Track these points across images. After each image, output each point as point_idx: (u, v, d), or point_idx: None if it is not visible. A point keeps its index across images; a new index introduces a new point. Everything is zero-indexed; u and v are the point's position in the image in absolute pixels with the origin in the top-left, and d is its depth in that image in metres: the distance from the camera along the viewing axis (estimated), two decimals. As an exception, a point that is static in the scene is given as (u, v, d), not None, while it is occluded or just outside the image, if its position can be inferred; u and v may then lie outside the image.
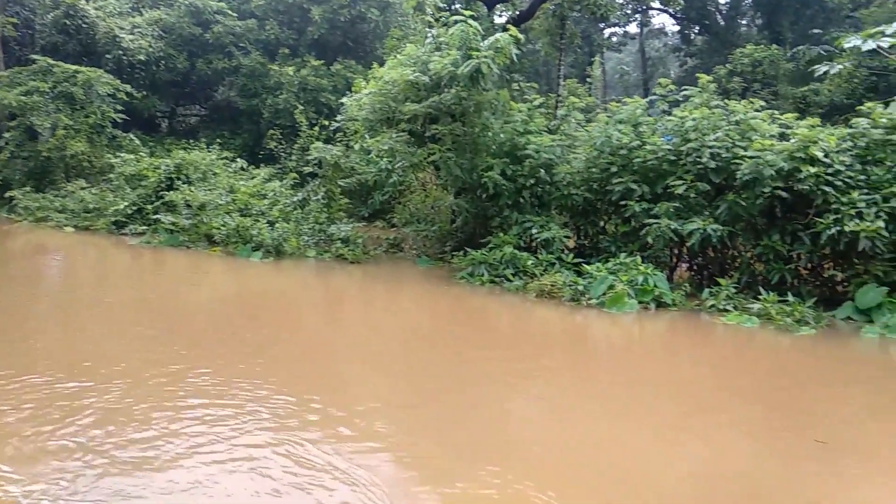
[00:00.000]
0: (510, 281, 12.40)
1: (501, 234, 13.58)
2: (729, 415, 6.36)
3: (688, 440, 5.65)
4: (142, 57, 25.03)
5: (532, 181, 13.73)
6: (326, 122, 17.78)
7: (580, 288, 11.36)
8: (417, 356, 8.22)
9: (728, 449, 5.48)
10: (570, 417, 6.13)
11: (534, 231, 13.34)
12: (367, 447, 5.10)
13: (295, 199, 17.02)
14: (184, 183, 17.23)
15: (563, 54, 21.13)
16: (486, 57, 13.12)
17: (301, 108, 22.19)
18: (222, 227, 15.41)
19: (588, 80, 31.39)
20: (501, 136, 14.36)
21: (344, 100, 16.12)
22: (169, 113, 30.28)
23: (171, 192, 16.67)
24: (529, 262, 12.68)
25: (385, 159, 15.65)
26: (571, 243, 14.06)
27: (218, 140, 22.36)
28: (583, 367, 8.11)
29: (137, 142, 21.94)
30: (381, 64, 15.75)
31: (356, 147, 16.17)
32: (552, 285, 11.65)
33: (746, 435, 5.81)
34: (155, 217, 16.49)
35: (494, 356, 8.28)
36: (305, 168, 17.84)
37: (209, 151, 19.70)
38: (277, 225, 15.37)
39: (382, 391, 6.62)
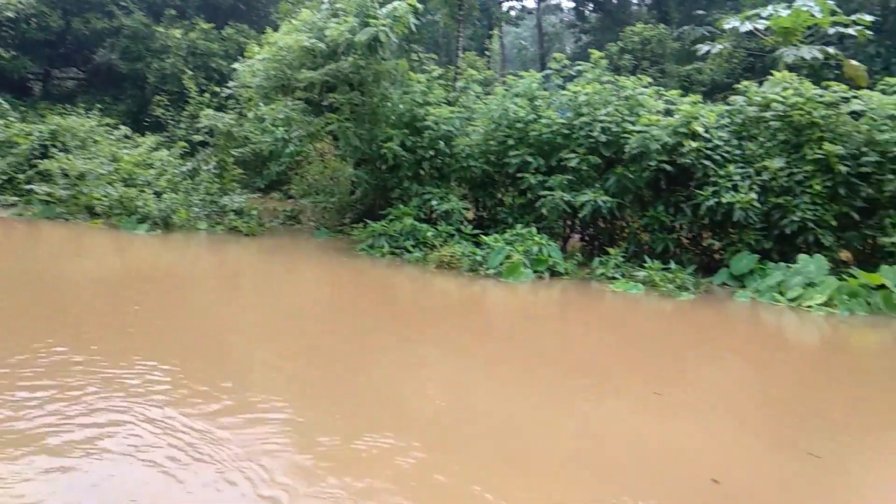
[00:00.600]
0: (410, 252, 12.43)
1: (401, 206, 13.58)
2: (615, 377, 6.70)
3: (577, 402, 5.90)
4: (10, 13, 22.85)
5: (432, 153, 13.76)
6: (217, 89, 16.97)
7: (478, 258, 11.56)
8: (315, 328, 8.11)
9: (613, 409, 5.77)
10: (466, 383, 6.26)
11: (434, 203, 13.41)
12: (254, 419, 4.99)
13: (184, 168, 16.23)
14: (60, 151, 16.00)
15: (461, 26, 21.15)
16: (384, 25, 12.94)
17: (190, 73, 21.04)
18: (104, 199, 14.48)
19: (486, 53, 31.60)
20: (401, 106, 14.26)
21: (236, 65, 15.45)
22: (42, 76, 27.89)
23: (46, 161, 15.46)
24: (429, 234, 12.75)
25: (281, 128, 15.18)
26: (470, 215, 14.27)
27: (98, 106, 20.80)
28: (480, 335, 8.28)
29: (6, 106, 20.12)
30: (276, 29, 15.19)
31: (250, 115, 15.56)
32: (451, 256, 11.78)
33: (631, 395, 6.14)
34: (28, 187, 15.27)
35: (394, 326, 8.31)
36: (195, 136, 16.98)
37: (88, 118, 18.34)
38: (165, 196, 14.62)
39: (277, 364, 6.49)
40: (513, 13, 35.54)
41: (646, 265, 11.26)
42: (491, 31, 34.43)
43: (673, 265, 11.21)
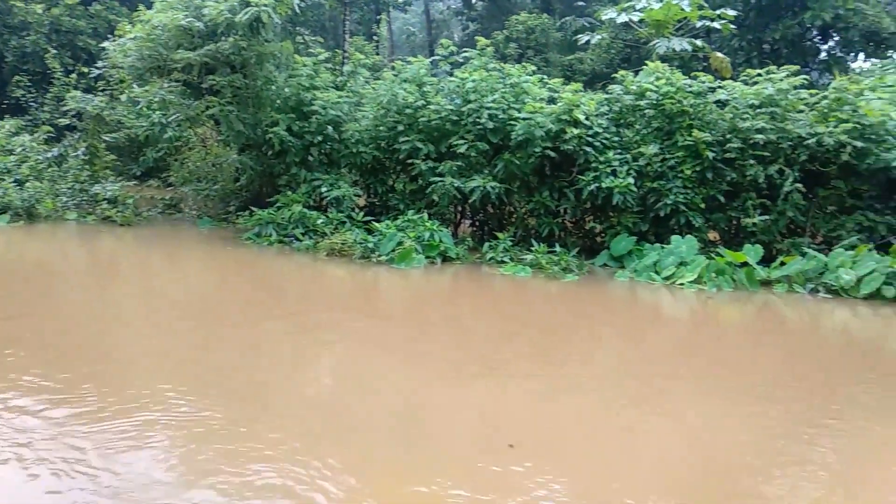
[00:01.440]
0: (300, 240, 12.18)
1: (290, 193, 13.26)
2: (504, 355, 6.88)
3: (468, 381, 6.01)
4: None
5: (320, 138, 13.49)
6: (86, 69, 15.80)
7: (370, 245, 11.48)
8: (201, 319, 7.79)
9: (503, 389, 5.93)
10: (360, 369, 6.23)
11: (323, 189, 13.17)
12: (130, 412, 4.75)
13: (49, 155, 15.05)
14: None
15: (348, 10, 20.82)
16: (266, 5, 12.48)
17: (54, 52, 19.49)
18: (-45, 188, 13.20)
19: (375, 38, 31.30)
20: (287, 90, 13.86)
21: (106, 44, 14.43)
22: None
23: None
24: (319, 221, 12.54)
25: (157, 112, 14.37)
26: (362, 201, 14.13)
27: (-54, 86, 18.91)
28: (373, 321, 8.25)
29: None
30: (149, 6, 14.31)
31: (123, 98, 14.61)
32: (343, 244, 11.64)
33: (521, 374, 6.33)
34: None
35: (285, 315, 8.12)
36: (61, 120, 15.77)
37: (-66, 99, 16.62)
38: (28, 184, 13.51)
39: (157, 358, 6.18)
40: (401, -1, 35.36)
41: (533, 249, 11.61)
42: (379, 16, 34.13)
43: (558, 248, 11.63)
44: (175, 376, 5.69)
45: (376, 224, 12.11)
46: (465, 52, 13.88)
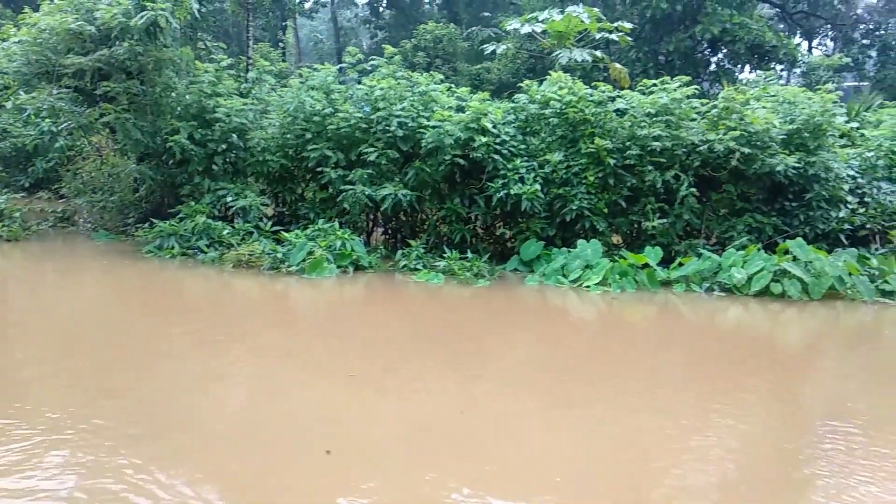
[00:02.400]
0: (204, 252, 11.77)
1: (193, 203, 12.80)
2: (418, 363, 6.88)
3: (386, 392, 5.97)
4: None
5: (224, 146, 13.10)
6: (-36, 74, 14.69)
7: (279, 256, 11.24)
8: (98, 336, 7.36)
9: (421, 400, 5.92)
10: (269, 381, 6.06)
11: (229, 199, 12.79)
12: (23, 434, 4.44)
13: (-77, 166, 13.89)
14: None
15: (251, 15, 20.35)
16: (163, 9, 12.02)
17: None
18: None
19: (281, 44, 30.79)
20: (187, 97, 13.39)
21: (-13, 48, 13.47)
22: None
23: None
24: (225, 232, 12.17)
25: (46, 120, 13.53)
26: (270, 211, 13.82)
27: None
28: (283, 332, 8.06)
29: None
30: (35, 8, 13.47)
31: (8, 105, 13.68)
32: (250, 254, 11.34)
33: (440, 381, 6.34)
34: None
35: (189, 330, 7.79)
36: (-64, 129, 14.62)
37: None
38: None
39: (44, 381, 5.80)
40: (307, 5, 34.94)
41: (445, 255, 11.70)
42: (285, 22, 33.60)
43: (470, 254, 11.77)
44: (62, 399, 5.35)
45: (285, 234, 11.86)
46: (373, 59, 13.86)
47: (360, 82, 13.59)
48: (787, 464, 4.75)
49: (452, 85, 13.93)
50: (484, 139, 11.87)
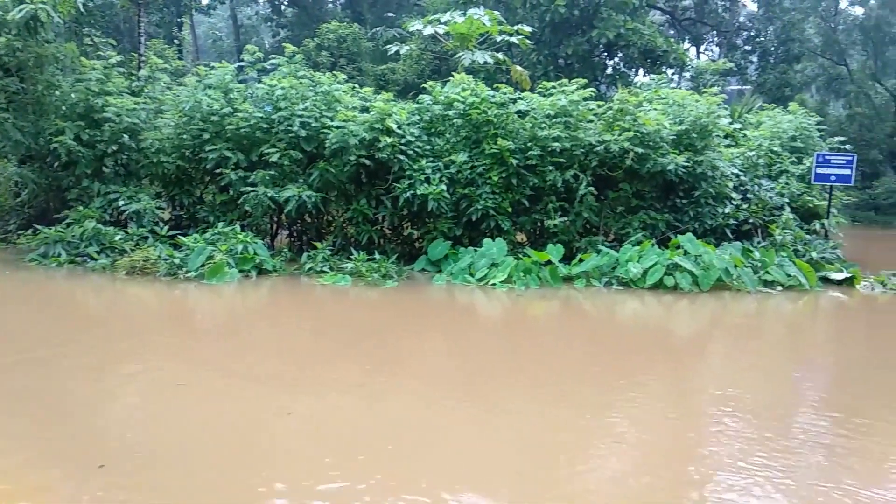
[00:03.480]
0: (95, 259, 11.14)
1: (81, 208, 12.11)
2: (325, 367, 6.77)
3: (298, 394, 5.83)
4: None
5: (115, 147, 12.46)
6: None
7: (177, 261, 10.78)
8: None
9: (336, 400, 5.83)
10: (169, 391, 5.80)
11: (121, 203, 12.18)
12: None
13: None
14: None
15: (142, 10, 19.42)
16: (44, 3, 11.29)
17: None
18: None
19: (177, 42, 29.57)
20: (73, 95, 12.64)
21: None
22: None
23: None
24: (118, 238, 11.59)
25: (-89, 119, 12.41)
26: (166, 215, 13.26)
27: None
28: (183, 341, 7.73)
29: None
30: None
31: None
32: (145, 261, 10.83)
33: (347, 381, 6.26)
34: None
35: (80, 343, 7.33)
36: None
37: None
38: None
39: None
40: (204, 2, 33.69)
41: (352, 257, 11.59)
42: (180, 18, 32.28)
43: (378, 255, 11.71)
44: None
45: (183, 238, 11.40)
46: (274, 58, 13.54)
47: (260, 81, 13.26)
48: (685, 448, 5.00)
49: (356, 85, 13.82)
50: (389, 140, 11.84)
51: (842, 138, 17.18)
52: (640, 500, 4.15)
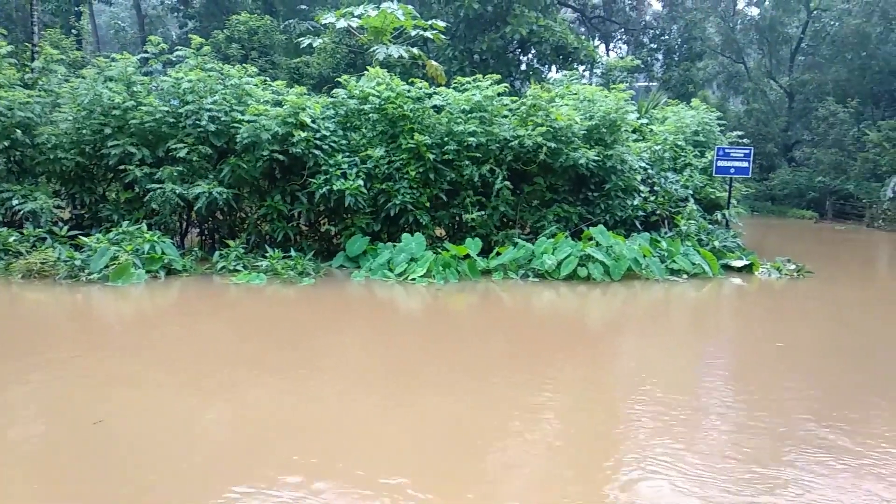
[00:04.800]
0: (-14, 263, 10.41)
1: (-31, 209, 11.25)
2: (249, 365, 6.59)
3: (214, 396, 5.64)
4: None
5: (6, 143, 11.65)
6: None
7: (78, 263, 10.23)
8: None
9: (251, 399, 5.67)
10: (71, 400, 5.49)
11: (15, 202, 11.41)
12: None
13: None
14: None
15: (35, -2, 18.26)
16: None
17: None
18: None
19: (75, 31, 27.99)
20: (-43, 88, 11.72)
21: None
22: None
23: None
24: (11, 239, 10.88)
25: None
26: (66, 214, 12.54)
27: None
28: (83, 347, 7.33)
29: None
30: None
31: None
32: (43, 263, 10.24)
33: (264, 381, 6.11)
34: None
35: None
36: None
37: None
38: None
39: None
40: (103, -10, 32.02)
41: (267, 255, 11.33)
42: (78, 7, 30.56)
43: (294, 253, 11.49)
44: None
45: (84, 238, 10.81)
46: (179, 50, 13.02)
47: (166, 74, 12.72)
48: (604, 432, 5.16)
49: (268, 78, 13.49)
50: (303, 134, 11.63)
51: (740, 133, 18.20)
52: (559, 493, 4.25)
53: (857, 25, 31.13)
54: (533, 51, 25.65)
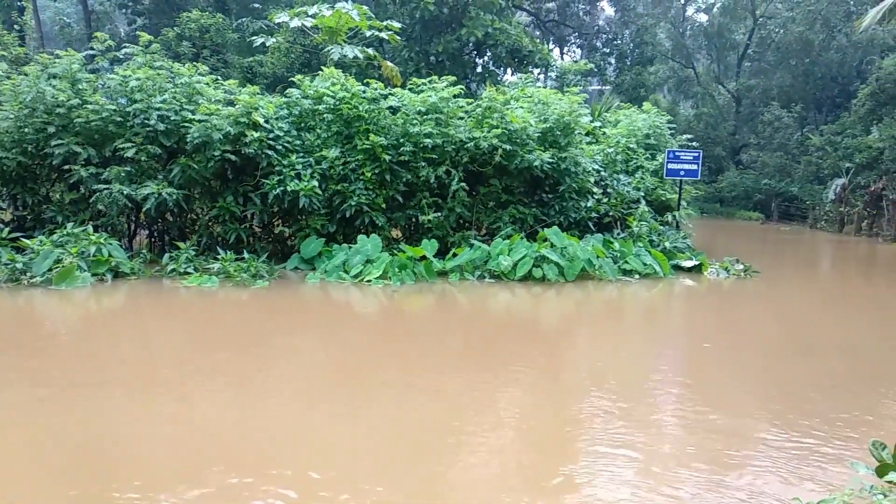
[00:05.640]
0: (-80, 267, 9.95)
1: None
2: (199, 370, 6.44)
3: (164, 401, 5.49)
4: None
5: (-58, 142, 11.17)
6: None
7: (19, 266, 9.87)
8: None
9: (200, 406, 5.54)
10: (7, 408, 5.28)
11: (-50, 204, 10.95)
12: None
13: None
14: None
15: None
16: None
17: None
18: None
19: (17, 27, 27.01)
20: None
21: None
22: None
23: None
24: (-54, 242, 10.41)
25: None
26: (7, 216, 12.09)
27: None
28: (25, 352, 7.06)
29: None
30: None
31: None
32: (-18, 267, 9.82)
33: (215, 386, 5.98)
34: None
35: None
36: None
37: None
38: None
39: None
40: (48, -16, 30.94)
41: (219, 257, 11.12)
42: (21, 2, 29.51)
43: (247, 255, 11.30)
44: None
45: (26, 241, 10.43)
46: (127, 47, 12.68)
47: (113, 72, 12.37)
48: (563, 428, 5.20)
49: (219, 77, 13.24)
50: (256, 134, 11.46)
51: (690, 136, 18.65)
52: (511, 496, 4.27)
53: (800, 33, 32.24)
54: (488, 53, 25.78)
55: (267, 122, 11.90)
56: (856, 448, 4.83)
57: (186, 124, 11.51)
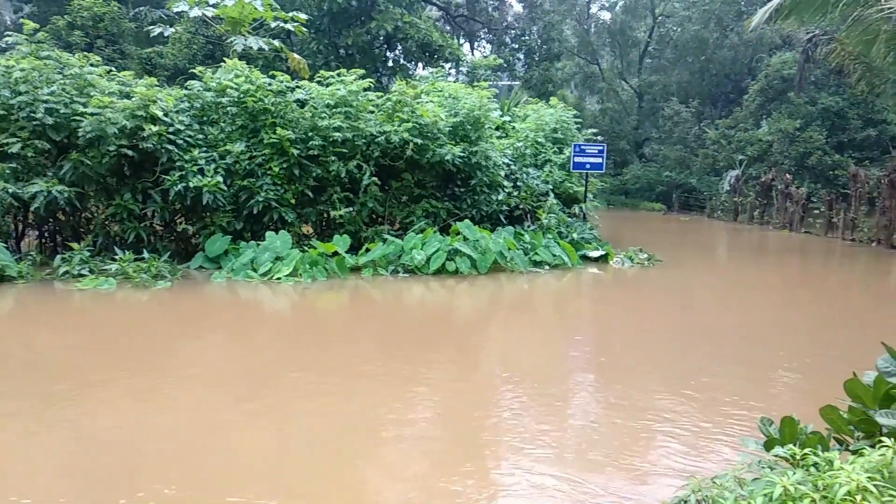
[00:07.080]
0: None
1: None
2: (97, 377, 6.07)
3: (53, 413, 5.13)
4: None
5: None
6: None
7: None
8: None
9: (97, 416, 5.22)
10: None
11: None
12: None
13: None
14: None
15: None
16: None
17: None
18: None
19: None
20: None
21: None
22: None
23: None
24: None
25: None
26: None
27: None
28: None
29: None
30: None
31: None
32: None
33: (116, 394, 5.66)
34: None
35: None
36: None
37: None
38: None
39: None
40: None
41: (117, 257, 10.56)
42: None
43: (147, 254, 10.79)
44: None
45: None
46: (10, 35, 11.81)
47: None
48: (476, 426, 5.23)
49: (114, 69, 12.56)
50: (155, 128, 10.94)
51: (595, 130, 19.19)
52: (432, 495, 4.26)
53: (696, 31, 33.85)
54: (399, 47, 25.66)
55: (166, 115, 11.38)
56: (747, 425, 5.10)
57: (78, 118, 10.85)
